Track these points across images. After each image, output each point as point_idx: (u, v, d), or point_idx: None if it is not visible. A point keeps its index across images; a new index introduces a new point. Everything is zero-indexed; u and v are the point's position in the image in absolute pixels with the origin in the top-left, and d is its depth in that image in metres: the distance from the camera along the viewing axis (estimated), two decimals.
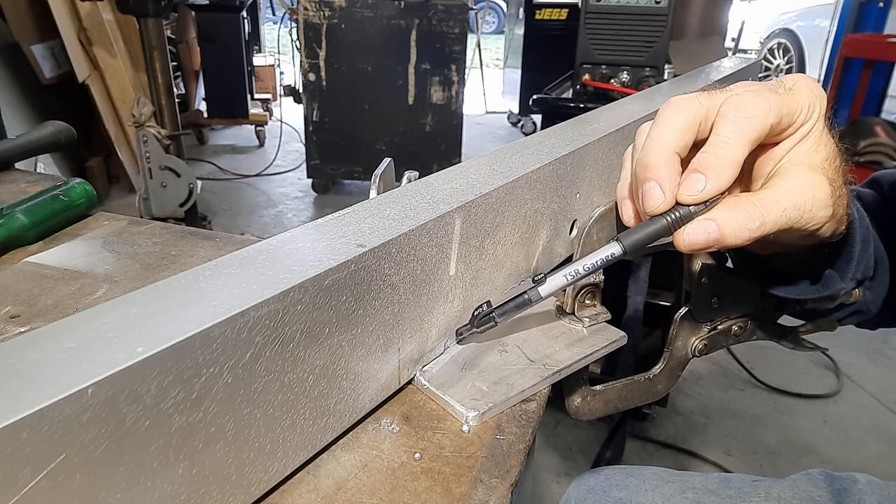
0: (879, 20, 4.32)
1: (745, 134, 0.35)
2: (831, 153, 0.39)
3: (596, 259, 0.39)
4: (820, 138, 0.38)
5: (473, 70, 5.10)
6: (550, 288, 0.41)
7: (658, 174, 0.37)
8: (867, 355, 2.18)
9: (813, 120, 0.38)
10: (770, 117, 0.36)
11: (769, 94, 0.36)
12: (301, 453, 0.36)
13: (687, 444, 1.74)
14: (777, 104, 0.36)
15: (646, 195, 0.37)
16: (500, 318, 0.42)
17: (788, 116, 0.37)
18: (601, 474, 0.69)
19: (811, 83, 0.38)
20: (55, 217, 0.65)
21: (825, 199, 0.38)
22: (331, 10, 3.01)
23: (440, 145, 3.32)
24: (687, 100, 0.38)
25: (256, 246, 0.34)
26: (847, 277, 0.48)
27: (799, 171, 0.37)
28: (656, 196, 0.37)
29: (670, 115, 0.37)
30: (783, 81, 0.37)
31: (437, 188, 0.43)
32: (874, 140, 3.10)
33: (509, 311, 0.42)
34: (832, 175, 0.39)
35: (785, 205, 0.36)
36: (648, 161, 0.37)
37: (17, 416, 0.21)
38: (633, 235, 0.38)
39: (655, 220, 0.37)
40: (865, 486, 0.63)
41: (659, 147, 0.37)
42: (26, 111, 2.87)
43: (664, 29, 1.55)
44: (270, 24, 6.76)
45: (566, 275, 0.40)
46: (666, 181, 0.36)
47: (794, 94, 0.37)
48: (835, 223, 0.41)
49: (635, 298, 1.53)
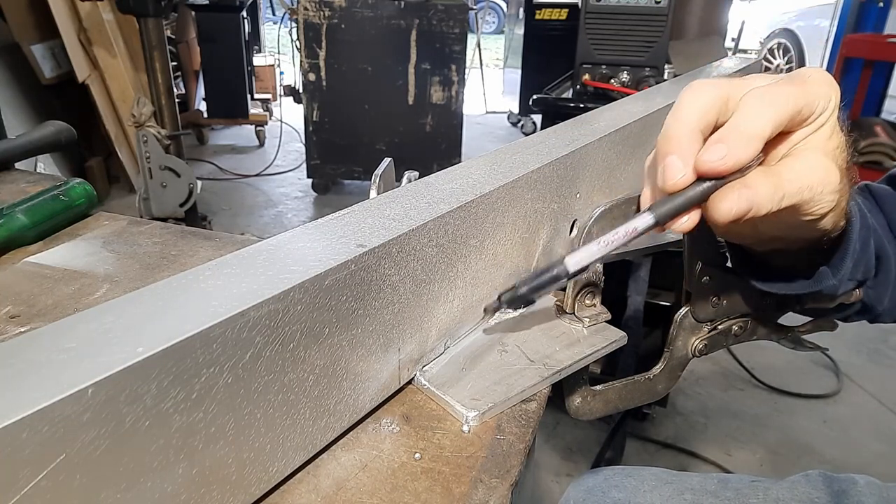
0: (879, 20, 4.32)
1: (769, 115, 0.36)
2: (842, 143, 0.40)
3: (629, 228, 0.37)
4: (834, 127, 0.39)
5: (473, 70, 5.09)
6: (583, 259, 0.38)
7: (679, 147, 0.36)
8: (867, 355, 2.18)
9: (829, 111, 0.38)
10: (791, 106, 0.36)
11: (789, 85, 0.37)
12: (301, 453, 0.36)
13: (687, 444, 1.74)
14: (796, 95, 0.36)
15: (667, 168, 0.36)
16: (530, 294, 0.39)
17: (808, 107, 0.37)
18: (600, 475, 0.69)
19: (826, 75, 0.39)
20: (55, 217, 0.65)
21: (835, 183, 0.38)
22: (331, 10, 3.01)
23: (440, 145, 3.31)
24: (709, 83, 0.38)
25: (256, 246, 0.34)
26: (839, 275, 0.48)
27: (814, 153, 0.38)
28: (676, 169, 0.36)
29: (693, 94, 0.38)
30: (801, 73, 0.38)
31: (437, 188, 0.43)
32: (874, 140, 3.10)
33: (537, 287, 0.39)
34: (841, 163, 0.40)
35: (800, 183, 0.37)
36: (671, 134, 0.37)
37: (17, 416, 0.21)
38: (664, 206, 0.36)
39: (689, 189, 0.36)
40: (865, 487, 0.63)
41: (682, 122, 0.37)
42: (26, 111, 2.86)
43: (664, 29, 1.55)
44: (270, 24, 6.76)
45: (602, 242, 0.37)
46: (687, 154, 0.36)
47: (813, 85, 0.37)
48: (837, 214, 0.42)
49: (635, 298, 1.53)
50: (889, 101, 3.81)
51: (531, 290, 0.39)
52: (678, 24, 2.05)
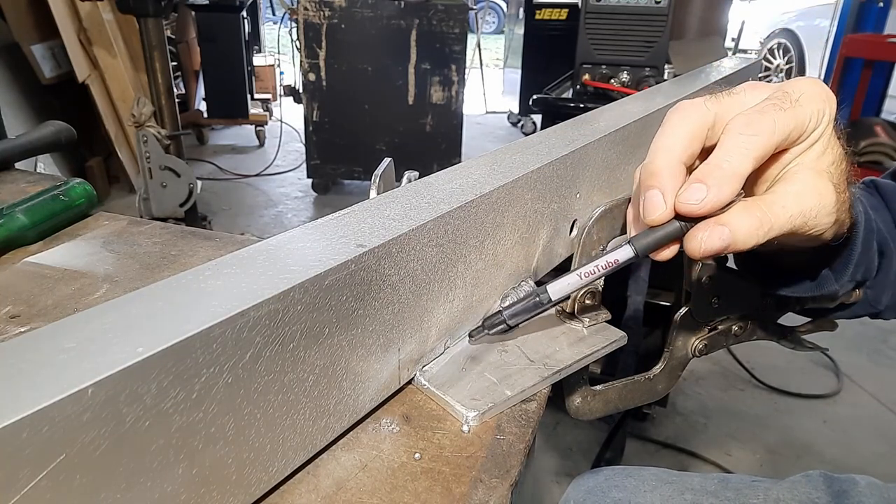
0: (879, 20, 4.32)
1: (751, 150, 0.35)
2: (838, 156, 0.39)
3: (610, 260, 0.39)
4: (829, 142, 0.38)
5: (473, 70, 5.09)
6: (563, 289, 0.40)
7: (661, 182, 0.36)
8: (867, 355, 2.18)
9: (823, 126, 0.37)
10: (776, 137, 0.35)
11: (776, 112, 0.35)
12: (301, 453, 0.36)
13: (687, 444, 1.74)
14: (783, 122, 0.35)
15: (647, 203, 0.37)
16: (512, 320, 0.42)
17: (798, 129, 0.36)
18: (600, 475, 0.69)
19: (819, 88, 0.37)
20: (55, 217, 0.65)
21: (830, 205, 0.37)
22: (331, 10, 3.01)
23: (440, 145, 3.31)
24: (695, 106, 0.37)
25: (256, 246, 0.34)
26: (843, 280, 0.48)
27: (806, 176, 0.37)
28: (657, 204, 0.36)
29: (678, 121, 0.37)
30: (789, 93, 0.36)
31: (437, 188, 0.43)
32: (874, 140, 3.10)
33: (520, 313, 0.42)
34: (837, 180, 0.38)
35: (791, 211, 0.36)
36: (654, 168, 0.37)
37: (17, 416, 0.21)
38: (644, 239, 0.38)
39: (668, 224, 0.37)
40: (865, 488, 0.63)
41: (665, 155, 0.37)
42: (26, 111, 2.86)
43: (664, 29, 1.55)
44: (270, 24, 6.76)
45: (581, 274, 0.40)
46: (669, 190, 0.36)
47: (802, 106, 0.36)
48: (837, 227, 0.41)
49: (635, 298, 1.53)
50: (889, 101, 3.81)
51: (514, 317, 0.43)
52: (678, 24, 2.05)
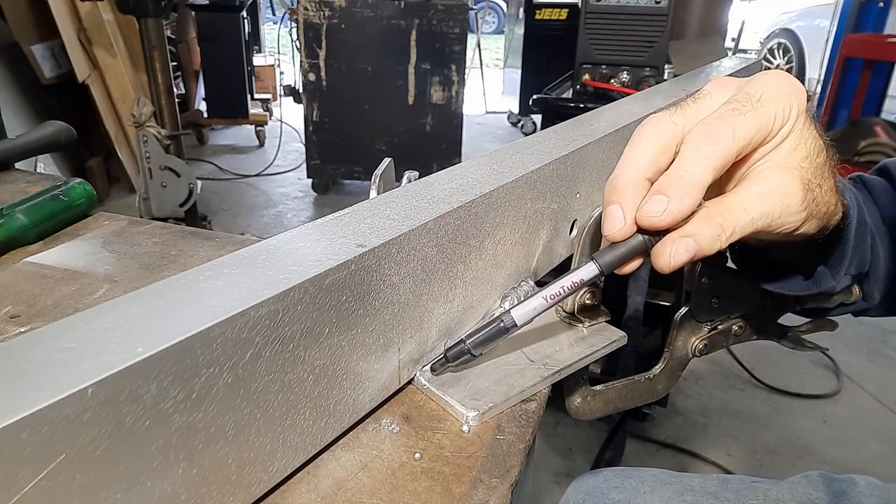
0: (879, 20, 4.32)
1: (710, 160, 0.34)
2: (812, 149, 0.38)
3: (575, 279, 0.39)
4: (800, 136, 0.37)
5: (473, 70, 5.10)
6: (528, 313, 0.39)
7: (622, 197, 0.36)
8: (867, 355, 2.18)
9: (791, 122, 0.36)
10: (736, 144, 0.34)
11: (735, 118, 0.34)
12: (301, 453, 0.36)
13: (687, 444, 1.74)
14: (743, 128, 0.34)
15: (607, 218, 0.36)
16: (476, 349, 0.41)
17: (761, 132, 0.35)
18: (599, 476, 0.69)
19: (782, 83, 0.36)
20: (55, 217, 0.65)
21: (796, 205, 0.37)
22: (331, 10, 3.01)
23: (440, 145, 3.32)
24: (662, 120, 0.36)
25: (256, 246, 0.34)
26: (839, 275, 0.48)
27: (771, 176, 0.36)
28: (617, 219, 0.36)
29: (644, 137, 0.36)
30: (750, 94, 0.35)
31: (437, 188, 0.43)
32: (874, 140, 3.10)
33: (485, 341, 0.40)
34: (811, 175, 0.37)
35: (752, 214, 0.36)
36: (616, 184, 0.36)
37: (17, 416, 0.21)
38: (608, 255, 0.37)
39: (632, 238, 0.36)
40: (865, 488, 0.63)
41: (630, 171, 0.36)
42: (26, 111, 2.86)
43: (664, 29, 1.55)
44: (270, 24, 6.76)
45: (545, 297, 0.39)
46: (629, 205, 0.35)
47: (765, 106, 0.35)
48: (816, 222, 0.40)
49: (635, 298, 1.53)
50: (889, 101, 3.82)
51: (477, 345, 0.41)
52: (678, 24, 2.05)
